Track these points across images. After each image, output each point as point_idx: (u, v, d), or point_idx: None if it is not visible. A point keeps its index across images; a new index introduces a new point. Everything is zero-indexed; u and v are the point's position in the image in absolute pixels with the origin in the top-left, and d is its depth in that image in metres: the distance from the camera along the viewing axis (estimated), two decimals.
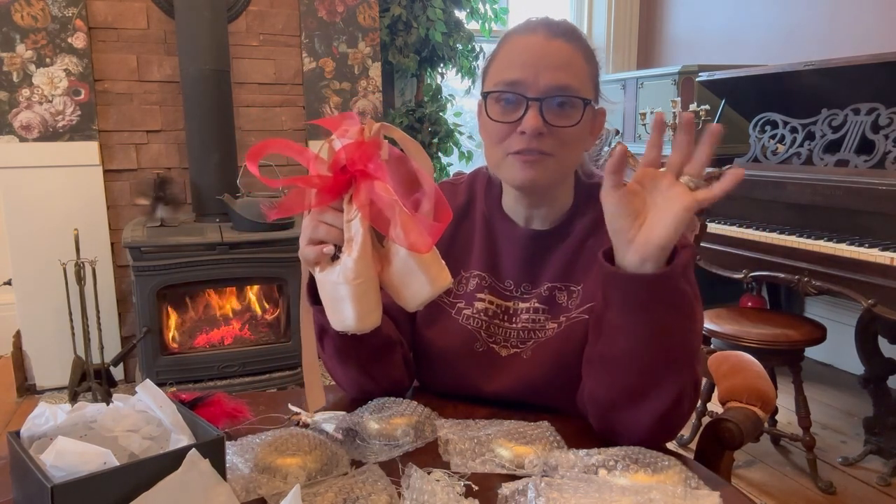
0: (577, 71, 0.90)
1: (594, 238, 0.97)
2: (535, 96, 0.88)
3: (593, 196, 1.00)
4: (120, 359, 2.74)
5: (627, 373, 0.82)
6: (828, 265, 2.11)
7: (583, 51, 0.92)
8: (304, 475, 0.75)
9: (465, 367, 1.00)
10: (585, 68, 0.92)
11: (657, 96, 3.30)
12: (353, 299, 0.77)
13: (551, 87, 0.88)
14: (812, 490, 2.17)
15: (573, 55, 0.90)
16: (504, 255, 1.02)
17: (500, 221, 1.03)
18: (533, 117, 0.88)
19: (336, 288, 0.78)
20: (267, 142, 0.76)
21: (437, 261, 0.80)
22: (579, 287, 0.97)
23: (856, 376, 2.37)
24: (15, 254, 2.75)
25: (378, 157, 0.76)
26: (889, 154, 2.16)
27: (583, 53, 0.92)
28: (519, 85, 0.89)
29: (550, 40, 0.90)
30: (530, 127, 0.88)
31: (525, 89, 0.89)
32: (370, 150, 0.75)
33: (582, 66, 0.91)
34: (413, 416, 0.90)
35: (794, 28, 3.25)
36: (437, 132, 3.59)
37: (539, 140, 0.89)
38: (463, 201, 1.07)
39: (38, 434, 0.69)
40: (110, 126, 2.84)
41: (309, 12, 3.07)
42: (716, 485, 0.74)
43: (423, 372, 1.06)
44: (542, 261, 1.00)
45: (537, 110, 0.88)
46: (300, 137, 3.14)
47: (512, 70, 0.90)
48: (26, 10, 2.67)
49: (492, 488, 0.74)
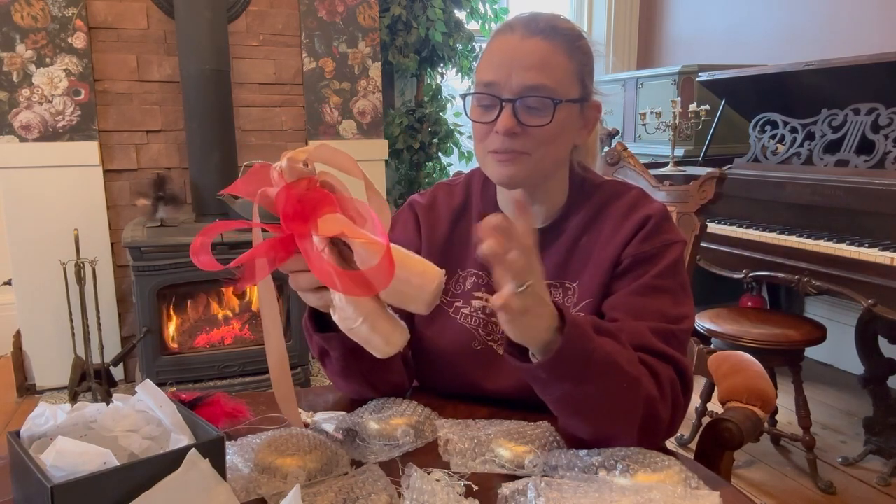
0: (553, 69, 0.90)
1: (588, 235, 0.98)
2: (508, 97, 0.90)
3: (587, 192, 1.01)
4: (120, 359, 2.74)
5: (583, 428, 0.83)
6: (828, 265, 2.11)
7: (564, 46, 0.92)
8: (304, 475, 0.75)
9: (464, 365, 1.00)
10: (566, 65, 0.92)
11: (657, 96, 3.30)
12: (369, 334, 0.76)
13: (523, 88, 0.89)
14: (812, 490, 2.17)
15: (550, 53, 0.91)
16: None
17: None
18: (505, 118, 0.90)
19: (350, 333, 0.78)
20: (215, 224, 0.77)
21: (419, 262, 0.78)
22: (574, 284, 0.98)
23: (856, 376, 2.37)
24: (15, 254, 2.75)
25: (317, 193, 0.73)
26: (889, 154, 2.16)
27: (564, 49, 0.92)
28: (493, 86, 0.91)
29: (525, 39, 0.91)
30: (503, 128, 0.90)
31: (499, 90, 0.90)
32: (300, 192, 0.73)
33: (561, 62, 0.91)
34: (413, 416, 0.90)
35: (794, 28, 3.25)
36: (437, 132, 3.59)
37: (513, 139, 0.91)
38: (459, 201, 1.08)
39: (38, 434, 0.69)
40: (110, 126, 2.84)
41: (309, 12, 3.06)
42: (716, 485, 0.74)
43: (422, 371, 1.06)
44: None
45: (510, 111, 0.90)
46: (300, 137, 3.14)
47: (488, 71, 0.92)
48: (26, 10, 2.67)
49: (492, 488, 0.74)
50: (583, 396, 0.78)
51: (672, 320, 0.90)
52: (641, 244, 0.94)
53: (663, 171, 2.94)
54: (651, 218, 0.95)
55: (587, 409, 0.80)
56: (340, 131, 3.19)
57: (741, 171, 2.56)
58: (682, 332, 0.91)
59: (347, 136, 3.20)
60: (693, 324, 0.95)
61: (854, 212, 2.14)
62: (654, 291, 0.92)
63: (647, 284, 0.92)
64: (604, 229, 0.97)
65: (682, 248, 0.97)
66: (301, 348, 2.79)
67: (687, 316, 0.93)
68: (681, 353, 0.89)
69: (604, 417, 0.80)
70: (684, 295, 0.95)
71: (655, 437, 0.84)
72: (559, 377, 0.77)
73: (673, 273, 0.94)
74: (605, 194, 1.00)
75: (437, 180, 3.66)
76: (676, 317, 0.91)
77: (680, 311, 0.92)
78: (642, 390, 0.81)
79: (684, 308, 0.93)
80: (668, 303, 0.92)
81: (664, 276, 0.93)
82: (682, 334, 0.92)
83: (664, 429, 0.85)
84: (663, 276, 0.93)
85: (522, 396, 0.97)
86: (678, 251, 0.96)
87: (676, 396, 0.86)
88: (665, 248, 0.94)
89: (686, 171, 2.88)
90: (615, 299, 0.94)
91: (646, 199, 0.99)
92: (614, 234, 0.96)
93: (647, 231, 0.95)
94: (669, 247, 0.95)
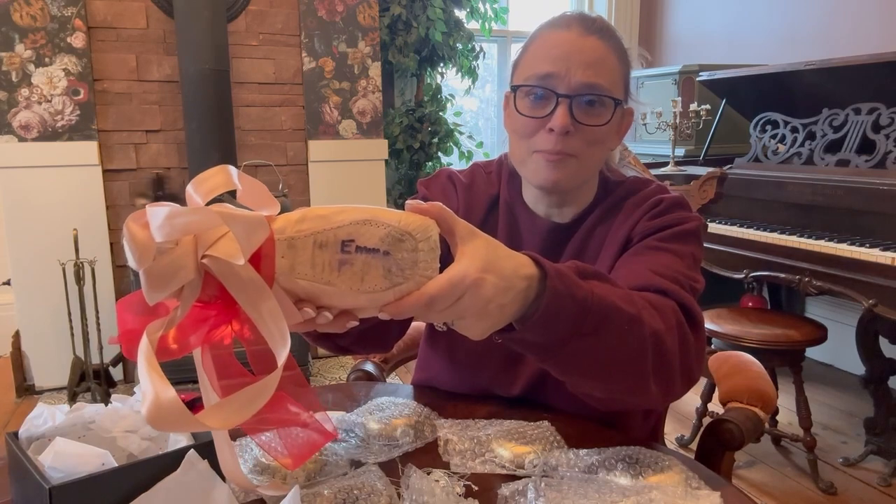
0: (609, 70, 0.89)
1: (603, 225, 0.97)
2: (565, 93, 0.87)
3: (609, 189, 1.00)
4: (119, 359, 2.74)
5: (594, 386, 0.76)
6: (828, 265, 2.11)
7: (616, 50, 0.91)
8: (303, 475, 0.75)
9: (484, 361, 0.99)
10: (618, 68, 0.91)
11: (658, 96, 3.31)
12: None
13: (582, 85, 0.87)
14: (813, 490, 2.17)
15: (606, 54, 0.89)
16: (524, 244, 1.02)
17: (522, 212, 1.02)
18: (562, 115, 0.87)
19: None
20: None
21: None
22: None
23: (856, 377, 2.37)
24: (14, 254, 2.75)
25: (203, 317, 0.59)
26: (890, 154, 2.16)
27: (616, 52, 0.91)
28: (550, 80, 0.88)
29: (584, 37, 0.88)
30: (559, 125, 0.87)
31: (556, 85, 0.88)
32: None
33: (614, 65, 0.90)
34: (413, 416, 0.90)
35: (794, 28, 3.25)
36: (437, 132, 3.59)
37: (565, 140, 0.88)
38: (495, 191, 1.05)
39: (36, 435, 0.69)
40: (109, 126, 2.84)
41: (309, 12, 3.06)
42: (716, 485, 0.74)
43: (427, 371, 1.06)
44: (558, 252, 1.00)
45: (567, 107, 0.87)
46: (300, 137, 3.13)
47: (544, 64, 0.88)
48: (25, 9, 2.66)
49: (492, 488, 0.74)
50: (585, 350, 0.70)
51: (679, 272, 0.85)
52: (650, 221, 0.92)
53: (664, 171, 2.94)
54: (663, 201, 0.93)
55: (593, 364, 0.72)
56: (340, 131, 3.19)
57: (742, 170, 2.56)
58: (687, 277, 0.85)
59: (347, 136, 3.20)
60: (702, 287, 0.89)
61: (855, 212, 2.14)
62: (658, 251, 0.88)
63: (649, 245, 0.90)
64: (617, 217, 0.96)
65: (696, 225, 0.92)
66: (300, 346, 2.78)
67: (696, 280, 0.87)
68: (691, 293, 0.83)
69: (613, 368, 0.73)
70: (693, 262, 0.90)
71: (670, 381, 0.77)
72: (554, 335, 0.67)
73: (681, 239, 0.90)
74: (625, 189, 0.99)
75: None
76: (684, 273, 0.86)
77: (688, 272, 0.86)
78: (645, 326, 0.73)
79: (693, 272, 0.88)
80: (675, 261, 0.87)
81: (670, 241, 0.89)
82: (689, 280, 0.85)
83: (677, 368, 0.77)
84: (669, 241, 0.89)
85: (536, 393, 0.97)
86: (691, 226, 0.92)
87: (682, 331, 0.78)
88: (675, 222, 0.91)
89: (686, 171, 2.88)
90: (618, 263, 0.91)
91: (663, 191, 0.98)
92: (626, 219, 0.95)
93: (657, 210, 0.93)
94: (681, 222, 0.91)
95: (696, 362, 0.80)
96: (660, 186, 1.00)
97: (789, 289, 2.94)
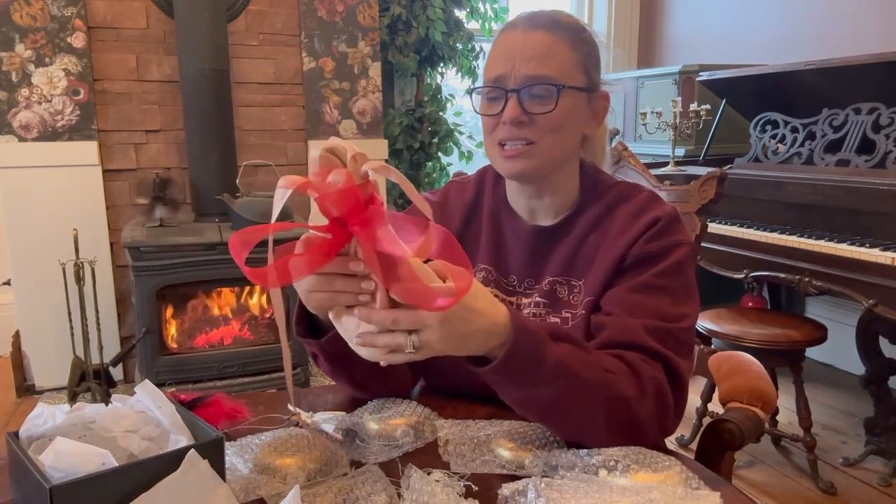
0: (557, 59, 0.93)
1: (596, 234, 0.98)
2: (513, 87, 0.93)
3: (598, 192, 1.01)
4: (119, 359, 2.73)
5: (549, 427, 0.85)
6: (828, 265, 2.11)
7: (566, 38, 0.94)
8: (303, 475, 0.75)
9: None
10: (569, 55, 0.94)
11: (658, 96, 3.30)
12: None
13: (527, 78, 0.92)
14: (813, 491, 2.17)
15: (552, 44, 0.93)
16: (509, 250, 1.03)
17: (507, 217, 1.05)
18: (511, 107, 0.92)
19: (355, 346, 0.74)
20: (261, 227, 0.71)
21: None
22: (581, 282, 0.98)
23: (856, 377, 2.37)
24: (14, 254, 2.75)
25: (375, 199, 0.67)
26: (890, 154, 2.16)
27: (567, 41, 0.94)
28: (500, 79, 0.94)
29: (528, 33, 0.94)
30: (509, 117, 0.92)
31: (505, 82, 0.93)
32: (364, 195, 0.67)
33: (564, 53, 0.94)
34: (413, 416, 0.90)
35: (794, 28, 3.25)
36: (437, 132, 3.58)
37: (521, 128, 0.93)
38: (471, 198, 1.09)
39: (36, 434, 0.69)
40: (109, 126, 2.84)
41: (308, 12, 3.06)
42: (716, 485, 0.74)
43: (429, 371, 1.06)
44: (545, 256, 1.01)
45: (515, 100, 0.92)
46: (300, 137, 3.13)
47: (495, 66, 0.95)
48: (25, 9, 2.66)
49: (492, 488, 0.74)
50: (538, 400, 0.79)
51: (669, 319, 0.89)
52: (646, 244, 0.94)
53: (664, 171, 2.94)
54: (660, 220, 0.95)
55: (544, 413, 0.82)
56: (340, 131, 3.19)
57: (742, 170, 2.56)
58: (679, 330, 0.90)
59: (347, 136, 3.19)
60: (694, 323, 0.94)
61: (855, 212, 2.14)
62: (653, 290, 0.91)
63: (646, 282, 0.92)
64: (612, 229, 0.97)
65: (688, 250, 0.96)
66: (301, 348, 2.78)
67: (686, 315, 0.92)
68: (677, 351, 0.88)
69: (563, 420, 0.82)
70: (686, 295, 0.93)
71: (640, 438, 0.82)
72: (511, 381, 0.78)
73: (675, 273, 0.93)
74: (616, 195, 1.00)
75: (437, 180, 3.67)
76: (674, 316, 0.90)
77: (679, 310, 0.91)
78: (604, 394, 0.80)
79: (685, 308, 0.92)
80: (667, 301, 0.91)
81: (665, 276, 0.92)
82: (681, 333, 0.90)
83: (650, 428, 0.83)
84: (664, 276, 0.92)
85: None
86: (684, 252, 0.95)
87: (662, 395, 0.84)
88: (670, 248, 0.94)
89: (686, 171, 2.88)
90: (612, 293, 0.93)
91: (657, 201, 0.99)
92: (622, 234, 0.96)
93: (653, 232, 0.94)
94: (674, 248, 0.94)
95: (672, 421, 0.87)
96: (651, 193, 1.01)
97: (789, 289, 2.95)
